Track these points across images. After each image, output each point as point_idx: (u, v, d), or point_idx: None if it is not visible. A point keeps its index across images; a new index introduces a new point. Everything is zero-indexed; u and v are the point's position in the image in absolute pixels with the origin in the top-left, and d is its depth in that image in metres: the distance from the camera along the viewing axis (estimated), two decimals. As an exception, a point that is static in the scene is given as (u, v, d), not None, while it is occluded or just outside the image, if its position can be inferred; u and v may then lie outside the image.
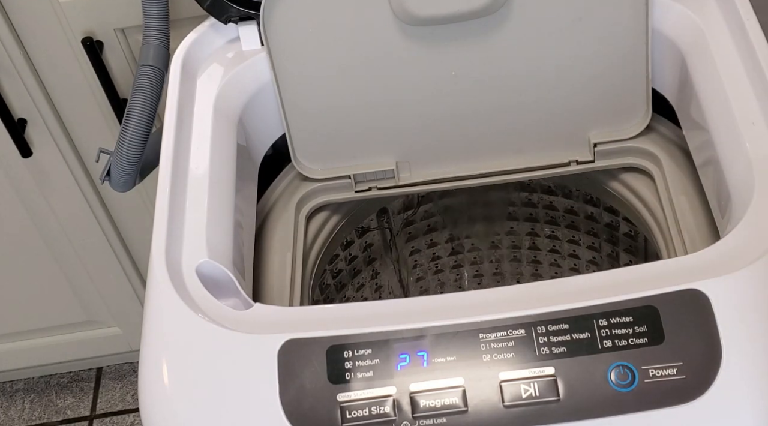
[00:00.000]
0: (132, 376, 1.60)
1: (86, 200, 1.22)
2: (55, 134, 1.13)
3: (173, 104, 0.76)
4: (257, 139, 0.83)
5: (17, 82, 1.07)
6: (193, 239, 0.70)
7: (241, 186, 0.76)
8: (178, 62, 0.79)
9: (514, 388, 0.60)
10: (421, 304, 0.66)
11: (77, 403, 1.59)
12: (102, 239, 1.28)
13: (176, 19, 0.91)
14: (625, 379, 0.59)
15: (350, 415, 0.60)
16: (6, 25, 1.01)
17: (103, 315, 1.41)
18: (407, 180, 0.86)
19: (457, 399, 0.60)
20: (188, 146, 0.75)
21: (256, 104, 0.73)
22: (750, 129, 0.69)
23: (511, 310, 0.62)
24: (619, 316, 0.61)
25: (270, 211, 0.85)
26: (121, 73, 1.05)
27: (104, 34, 1.02)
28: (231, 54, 0.82)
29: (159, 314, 0.66)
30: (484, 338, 0.61)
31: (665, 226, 0.79)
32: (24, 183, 1.19)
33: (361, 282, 1.00)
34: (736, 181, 0.68)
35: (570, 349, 0.60)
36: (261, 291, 0.78)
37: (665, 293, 0.61)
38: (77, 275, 1.34)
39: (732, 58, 0.73)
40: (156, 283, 0.67)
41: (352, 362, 0.61)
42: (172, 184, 0.71)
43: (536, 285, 0.65)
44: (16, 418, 1.58)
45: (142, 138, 0.84)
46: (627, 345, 0.60)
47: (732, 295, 0.61)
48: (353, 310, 0.66)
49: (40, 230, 1.26)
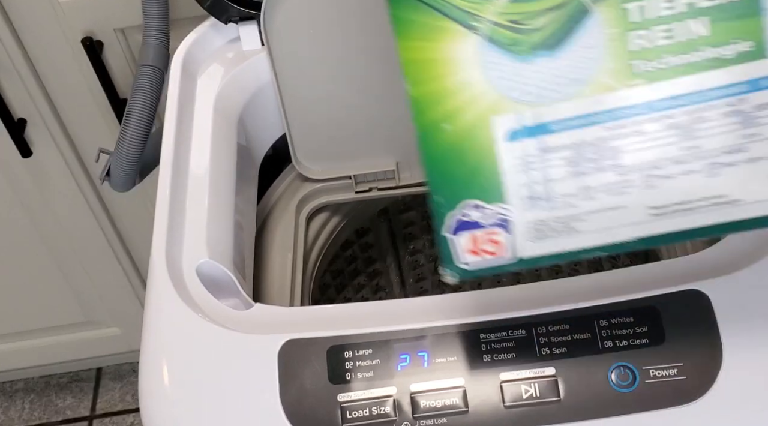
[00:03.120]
0: (132, 376, 1.60)
1: (86, 200, 1.22)
2: (54, 134, 1.13)
3: (173, 104, 0.76)
4: (257, 139, 0.83)
5: (17, 82, 1.07)
6: (193, 239, 0.70)
7: (241, 186, 0.76)
8: (178, 62, 0.79)
9: (515, 388, 0.60)
10: (422, 304, 0.66)
11: (77, 403, 1.59)
12: (102, 239, 1.28)
13: (176, 19, 0.91)
14: (626, 380, 0.59)
15: (351, 416, 0.60)
16: (6, 25, 1.01)
17: (102, 315, 1.41)
18: (408, 180, 0.86)
19: (457, 399, 0.60)
20: (188, 146, 0.75)
21: (257, 104, 0.73)
22: (751, 129, 0.69)
23: (512, 310, 0.62)
24: (619, 317, 0.61)
25: (270, 212, 0.85)
26: (121, 73, 1.05)
27: (104, 34, 1.02)
28: (231, 54, 0.82)
29: (159, 314, 0.66)
30: (485, 338, 0.61)
31: (666, 227, 0.79)
32: (23, 183, 1.19)
33: (362, 282, 1.00)
34: (737, 181, 0.68)
35: (571, 350, 0.60)
36: (261, 291, 0.78)
37: (666, 293, 0.61)
38: (77, 275, 1.34)
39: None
40: (156, 283, 0.67)
41: (353, 362, 0.61)
42: (173, 184, 0.71)
43: (537, 285, 0.65)
44: (15, 419, 1.58)
45: (142, 138, 0.84)
46: (628, 345, 0.60)
47: (733, 296, 0.61)
48: (354, 310, 0.66)
49: (40, 230, 1.26)
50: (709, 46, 0.50)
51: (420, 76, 0.54)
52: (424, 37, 0.54)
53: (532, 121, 0.53)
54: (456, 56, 0.53)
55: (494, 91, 0.53)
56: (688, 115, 0.52)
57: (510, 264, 0.56)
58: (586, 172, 0.54)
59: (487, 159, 0.54)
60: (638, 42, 0.51)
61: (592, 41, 0.51)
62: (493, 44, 0.53)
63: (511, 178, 0.54)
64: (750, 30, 0.50)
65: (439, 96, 0.54)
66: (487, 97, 0.53)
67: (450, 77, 0.53)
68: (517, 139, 0.54)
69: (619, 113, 0.52)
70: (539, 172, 0.54)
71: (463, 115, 0.54)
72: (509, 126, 0.54)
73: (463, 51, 0.53)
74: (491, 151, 0.54)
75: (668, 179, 0.53)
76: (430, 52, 0.54)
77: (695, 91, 0.52)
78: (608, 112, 0.52)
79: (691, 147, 0.53)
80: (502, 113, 0.53)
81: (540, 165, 0.54)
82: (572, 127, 0.53)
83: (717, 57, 0.51)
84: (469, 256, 0.56)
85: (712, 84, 0.51)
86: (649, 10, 0.50)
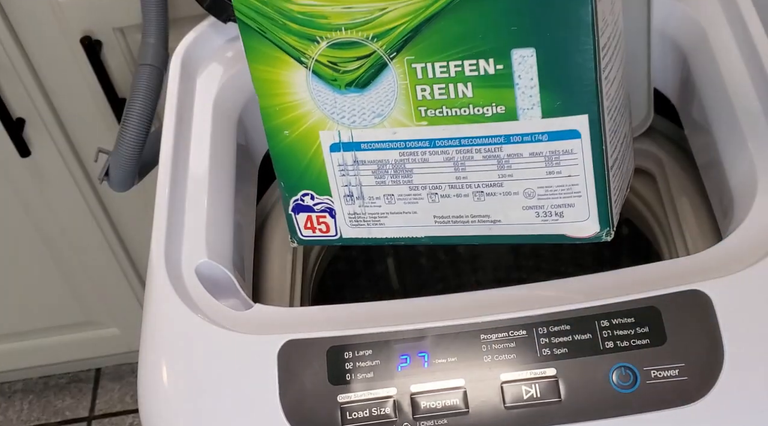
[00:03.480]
0: (131, 376, 1.60)
1: (85, 200, 1.22)
2: (53, 134, 1.13)
3: (173, 104, 0.76)
4: (257, 138, 0.83)
5: (16, 82, 1.07)
6: (192, 239, 0.70)
7: (241, 186, 0.76)
8: (177, 61, 0.79)
9: (516, 389, 0.60)
10: (422, 305, 0.66)
11: (76, 403, 1.59)
12: (101, 239, 1.27)
13: (176, 18, 0.91)
14: (627, 381, 0.59)
15: (351, 416, 0.60)
16: (4, 24, 1.01)
17: (101, 315, 1.41)
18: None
19: (458, 400, 0.60)
20: (188, 146, 0.75)
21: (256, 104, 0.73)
22: (752, 129, 0.69)
23: (513, 310, 0.62)
24: (620, 317, 0.61)
25: (270, 212, 0.85)
26: (120, 72, 1.05)
27: (103, 34, 1.01)
28: (231, 53, 0.82)
29: (158, 315, 0.66)
30: (485, 339, 0.61)
31: (667, 227, 0.79)
32: (22, 183, 1.19)
33: (362, 283, 1.00)
34: (739, 181, 0.68)
35: (571, 350, 0.60)
36: (261, 291, 0.78)
37: (667, 294, 0.61)
38: (76, 275, 1.33)
39: (734, 58, 0.73)
40: (155, 284, 0.66)
41: (353, 363, 0.61)
42: (172, 184, 0.71)
43: (537, 285, 0.65)
44: (14, 419, 1.58)
45: (141, 137, 0.84)
46: (629, 346, 0.60)
47: (734, 296, 0.61)
48: (354, 310, 0.66)
49: (39, 230, 1.26)
50: (473, 105, 0.64)
51: (266, 92, 0.68)
52: (268, 63, 0.67)
53: (347, 139, 0.68)
54: (292, 80, 0.67)
55: (320, 111, 0.67)
56: (459, 153, 0.66)
57: (335, 240, 0.74)
58: (387, 183, 0.69)
59: (317, 161, 0.69)
60: (422, 93, 0.64)
61: (389, 87, 0.65)
62: (318, 77, 0.66)
63: (334, 179, 0.70)
64: (505, 97, 0.63)
65: (280, 108, 0.68)
66: (315, 114, 0.68)
67: (289, 95, 0.68)
68: (338, 151, 0.69)
69: (410, 144, 0.67)
70: (354, 178, 0.69)
71: (299, 125, 0.68)
72: (331, 140, 0.68)
73: (297, 77, 0.67)
74: (320, 156, 0.69)
75: (446, 198, 0.69)
76: (274, 74, 0.67)
77: (465, 136, 0.65)
78: (402, 141, 0.67)
79: (461, 177, 0.67)
80: (326, 129, 0.68)
81: (354, 172, 0.69)
82: (377, 148, 0.68)
83: (479, 114, 0.64)
84: (307, 231, 0.74)
85: (475, 133, 0.65)
86: (429, 71, 0.63)
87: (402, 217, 0.71)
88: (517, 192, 0.67)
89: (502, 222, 0.69)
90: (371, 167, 0.69)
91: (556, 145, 0.64)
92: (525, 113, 0.64)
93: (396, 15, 0.62)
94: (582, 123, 0.63)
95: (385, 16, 0.62)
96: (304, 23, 0.64)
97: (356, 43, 0.64)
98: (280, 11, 0.65)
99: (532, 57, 0.61)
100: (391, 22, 0.62)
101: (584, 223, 0.68)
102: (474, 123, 0.65)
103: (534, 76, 0.62)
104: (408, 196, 0.69)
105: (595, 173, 0.65)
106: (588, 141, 0.64)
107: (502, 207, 0.68)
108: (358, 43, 0.64)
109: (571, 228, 0.68)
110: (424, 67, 0.63)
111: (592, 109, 0.63)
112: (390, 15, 0.62)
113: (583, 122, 0.63)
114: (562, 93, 0.63)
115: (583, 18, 0.60)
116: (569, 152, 0.65)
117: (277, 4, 0.65)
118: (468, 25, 0.61)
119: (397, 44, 0.63)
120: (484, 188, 0.67)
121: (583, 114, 0.63)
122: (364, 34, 0.64)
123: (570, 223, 0.68)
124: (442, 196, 0.69)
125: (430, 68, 0.63)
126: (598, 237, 0.68)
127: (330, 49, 0.65)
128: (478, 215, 0.69)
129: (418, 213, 0.70)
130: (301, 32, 0.65)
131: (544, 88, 0.62)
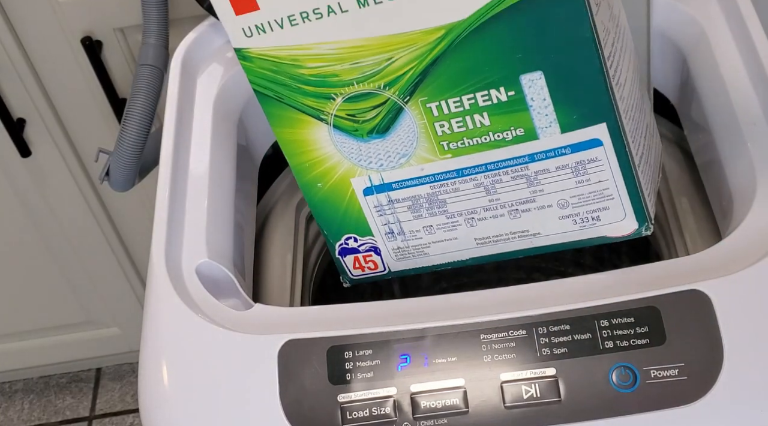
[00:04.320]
0: (131, 376, 1.60)
1: (85, 200, 1.22)
2: (54, 134, 1.13)
3: (173, 104, 0.76)
4: (257, 139, 0.83)
5: (16, 82, 1.07)
6: (192, 239, 0.70)
7: (241, 186, 0.76)
8: (177, 62, 0.79)
9: (515, 388, 0.60)
10: (422, 305, 0.66)
11: (76, 403, 1.59)
12: (101, 239, 1.27)
13: (176, 18, 0.91)
14: (627, 380, 0.59)
15: (351, 416, 0.60)
16: (5, 24, 1.01)
17: (102, 315, 1.41)
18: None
19: (458, 400, 0.60)
20: (188, 146, 0.75)
21: (257, 104, 0.73)
22: (752, 129, 0.69)
23: (512, 310, 0.62)
24: (620, 317, 0.61)
25: (270, 212, 0.85)
26: (121, 72, 1.05)
27: (103, 34, 1.02)
28: (231, 53, 0.82)
29: (159, 314, 0.66)
30: (485, 339, 0.61)
31: (666, 227, 0.79)
32: (23, 183, 1.19)
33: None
34: (738, 181, 0.68)
35: (571, 350, 0.60)
36: (261, 291, 0.78)
37: (667, 294, 0.61)
38: (76, 275, 1.34)
39: (734, 58, 0.73)
40: (156, 284, 0.66)
41: (353, 363, 0.61)
42: (172, 184, 0.71)
43: (537, 285, 0.65)
44: (15, 419, 1.58)
45: (142, 138, 0.84)
46: (628, 346, 0.60)
47: (734, 296, 0.61)
48: (354, 310, 0.66)
49: (39, 230, 1.26)
50: (492, 132, 0.65)
51: (294, 151, 0.71)
52: (290, 125, 0.70)
53: (378, 181, 0.71)
54: (316, 137, 0.69)
55: (348, 160, 0.70)
56: (488, 178, 0.68)
57: (385, 275, 0.77)
58: (424, 215, 0.71)
59: (353, 206, 0.72)
60: (441, 129, 0.66)
61: (409, 129, 0.67)
62: (339, 130, 0.69)
63: (372, 220, 0.73)
64: (522, 120, 0.64)
65: (310, 164, 0.71)
66: (344, 164, 0.70)
67: (315, 151, 0.70)
68: (371, 194, 0.71)
69: (439, 176, 0.69)
70: (392, 216, 0.72)
71: (330, 176, 0.71)
72: (363, 185, 0.71)
73: (320, 133, 0.69)
74: (356, 201, 0.72)
75: (483, 220, 0.71)
76: (298, 135, 0.70)
77: (490, 161, 0.67)
78: (431, 176, 0.69)
79: (493, 199, 0.69)
80: (357, 176, 0.71)
81: (391, 211, 0.72)
82: (408, 185, 0.70)
83: (500, 139, 0.66)
84: (356, 271, 0.77)
85: (500, 157, 0.67)
86: (444, 108, 0.65)
87: (444, 245, 0.73)
88: (551, 204, 0.68)
89: (542, 234, 0.71)
90: (406, 204, 0.71)
91: (580, 155, 0.65)
92: (544, 131, 0.64)
93: (402, 62, 0.64)
94: (602, 131, 0.64)
95: (392, 65, 0.64)
96: (317, 84, 0.66)
97: (370, 94, 0.66)
98: (292, 77, 0.67)
99: (541, 79, 0.62)
100: (399, 69, 0.64)
101: (622, 222, 0.68)
102: (496, 148, 0.66)
103: (546, 96, 0.63)
104: (446, 224, 0.71)
105: (624, 174, 0.66)
106: (611, 146, 0.64)
107: (539, 220, 0.70)
108: (372, 94, 0.66)
109: (610, 229, 0.69)
110: (439, 105, 0.65)
111: (609, 116, 0.63)
112: (396, 63, 0.64)
113: (603, 130, 0.64)
114: (576, 107, 0.63)
115: (583, 35, 0.60)
116: (594, 160, 0.65)
117: (289, 71, 0.67)
118: (473, 60, 0.62)
119: (409, 88, 0.65)
120: (518, 206, 0.69)
121: (601, 123, 0.64)
122: (376, 85, 0.65)
123: (608, 224, 0.69)
124: (479, 219, 0.70)
125: (444, 105, 0.65)
126: (638, 233, 0.69)
127: (346, 103, 0.67)
128: (517, 231, 0.71)
129: (459, 238, 0.72)
130: (317, 92, 0.67)
131: (559, 105, 0.63)
